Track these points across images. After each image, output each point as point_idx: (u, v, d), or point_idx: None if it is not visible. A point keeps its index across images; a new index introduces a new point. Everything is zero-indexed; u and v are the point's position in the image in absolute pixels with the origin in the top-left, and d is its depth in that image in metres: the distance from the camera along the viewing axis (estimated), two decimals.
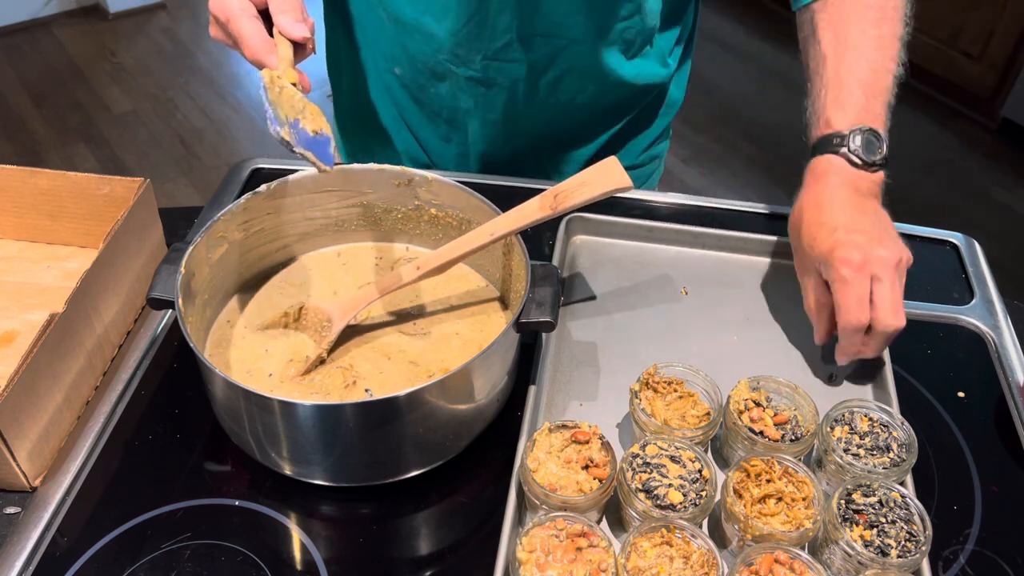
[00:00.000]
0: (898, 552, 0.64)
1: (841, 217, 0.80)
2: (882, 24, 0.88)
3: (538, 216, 0.76)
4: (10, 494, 0.73)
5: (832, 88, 0.86)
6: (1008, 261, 2.48)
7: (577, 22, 0.95)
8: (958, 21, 2.96)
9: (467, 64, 1.00)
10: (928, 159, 2.93)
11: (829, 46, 0.88)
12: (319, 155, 0.70)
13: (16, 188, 0.92)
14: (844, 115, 0.85)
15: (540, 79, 1.01)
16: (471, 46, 0.98)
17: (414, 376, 0.78)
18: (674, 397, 0.76)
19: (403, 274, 0.80)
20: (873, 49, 0.87)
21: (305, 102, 0.71)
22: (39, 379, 0.71)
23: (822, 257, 0.79)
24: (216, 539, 0.70)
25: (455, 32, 0.97)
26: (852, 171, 0.83)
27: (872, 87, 0.86)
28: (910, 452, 0.71)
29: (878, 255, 0.77)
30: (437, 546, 0.72)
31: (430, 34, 0.99)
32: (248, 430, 0.70)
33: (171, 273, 0.73)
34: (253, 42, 0.72)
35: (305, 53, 0.75)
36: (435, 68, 1.03)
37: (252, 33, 0.72)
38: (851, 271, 0.77)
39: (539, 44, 0.97)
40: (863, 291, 0.77)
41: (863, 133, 0.84)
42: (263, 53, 0.72)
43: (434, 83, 1.05)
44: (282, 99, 0.69)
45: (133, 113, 3.04)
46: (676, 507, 0.66)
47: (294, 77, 0.71)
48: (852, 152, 0.83)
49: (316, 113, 0.71)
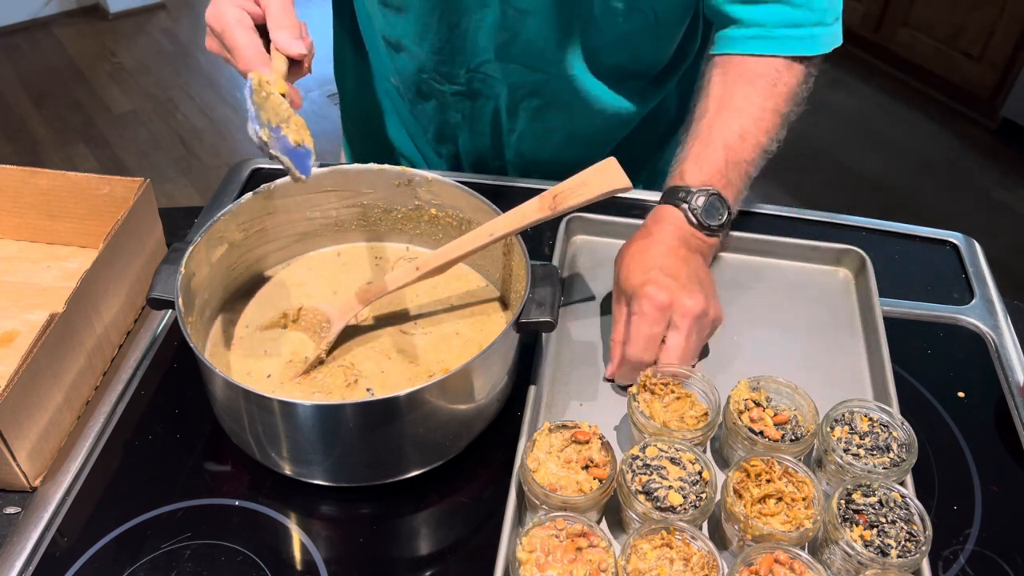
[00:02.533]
0: (898, 552, 0.64)
1: (661, 261, 0.81)
2: (768, 97, 0.88)
3: (538, 216, 0.76)
4: (10, 494, 0.73)
5: (699, 143, 0.87)
6: (1008, 261, 2.48)
7: (557, 58, 0.95)
8: (958, 21, 2.96)
9: (451, 80, 1.00)
10: (928, 159, 2.93)
11: (713, 101, 0.88)
12: (297, 164, 0.69)
13: (16, 188, 0.92)
14: (699, 172, 0.85)
15: (521, 103, 1.01)
16: (455, 61, 0.98)
17: (414, 376, 0.78)
18: (672, 398, 0.76)
19: (403, 274, 0.80)
20: (751, 117, 0.87)
21: (291, 113, 0.70)
22: (39, 379, 0.71)
23: (631, 290, 0.79)
24: (216, 539, 0.70)
25: (435, 52, 0.97)
26: (688, 227, 0.84)
27: (736, 153, 0.86)
28: (910, 452, 0.71)
29: (683, 302, 0.77)
30: (437, 546, 0.72)
31: (413, 53, 0.99)
32: (248, 430, 0.70)
33: (171, 273, 0.73)
34: (247, 53, 0.71)
35: (301, 72, 0.74)
36: (420, 87, 1.03)
37: (246, 44, 0.71)
38: (652, 308, 0.77)
39: (517, 69, 0.97)
40: (656, 331, 0.77)
41: (708, 195, 0.84)
42: (256, 65, 0.71)
43: (420, 101, 1.05)
44: (267, 105, 0.69)
45: (133, 113, 3.04)
46: (676, 509, 0.66)
47: (284, 88, 0.71)
48: (692, 210, 0.84)
49: (301, 125, 0.70)
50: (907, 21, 3.14)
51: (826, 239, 0.96)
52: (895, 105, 3.19)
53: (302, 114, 0.72)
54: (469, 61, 0.98)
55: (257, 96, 0.68)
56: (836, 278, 0.95)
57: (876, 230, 1.03)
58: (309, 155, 0.71)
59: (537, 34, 0.93)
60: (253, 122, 0.67)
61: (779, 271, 0.96)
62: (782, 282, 0.94)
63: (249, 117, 0.68)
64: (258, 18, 0.73)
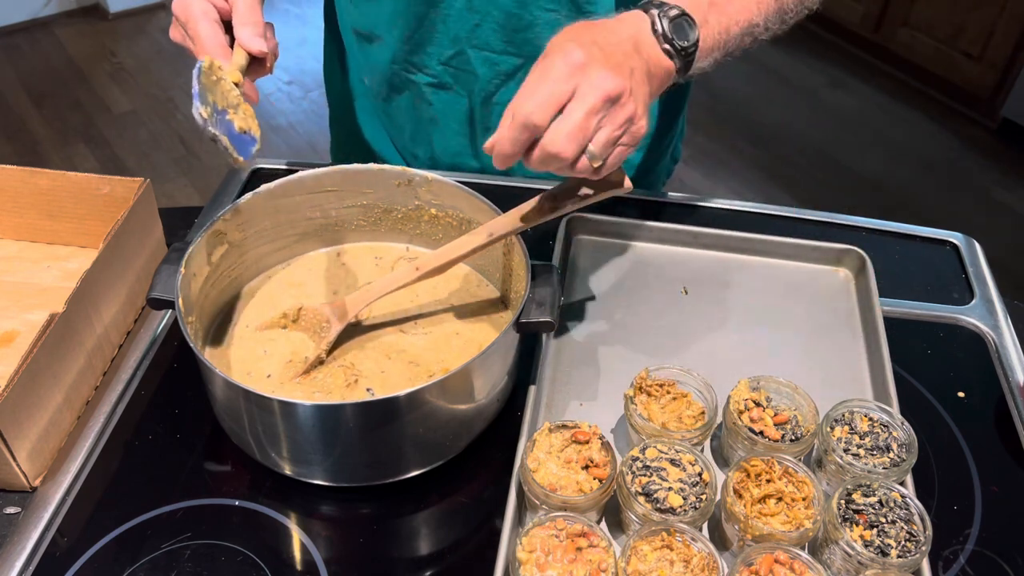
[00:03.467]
0: (898, 552, 0.64)
1: (601, 38, 0.67)
2: None
3: (537, 216, 0.76)
4: (10, 494, 0.73)
5: None
6: (1008, 261, 2.48)
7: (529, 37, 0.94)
8: (958, 21, 2.96)
9: (423, 70, 1.00)
10: (928, 159, 2.93)
11: None
12: (238, 148, 0.69)
13: (16, 188, 0.92)
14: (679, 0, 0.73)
15: (496, 94, 1.01)
16: (425, 51, 0.98)
17: (414, 376, 0.78)
18: (668, 399, 0.76)
19: (403, 274, 0.80)
20: None
21: (241, 100, 0.71)
22: (39, 379, 0.71)
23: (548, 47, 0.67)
24: (216, 539, 0.70)
25: (406, 39, 0.97)
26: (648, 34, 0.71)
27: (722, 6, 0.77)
28: (910, 452, 0.71)
29: (600, 73, 0.64)
30: (437, 546, 0.72)
31: (384, 43, 0.99)
32: (248, 430, 0.70)
33: (171, 273, 0.73)
34: (208, 44, 0.71)
35: (262, 71, 0.75)
36: (393, 79, 1.03)
37: (209, 35, 0.72)
38: (562, 64, 0.64)
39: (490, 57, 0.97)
40: (557, 90, 0.64)
41: (683, 16, 0.72)
42: (215, 55, 0.71)
43: (394, 95, 1.05)
44: (217, 88, 0.69)
45: (133, 113, 3.04)
46: (676, 511, 0.66)
47: (239, 79, 0.71)
48: (660, 17, 0.71)
49: (249, 115, 0.71)
50: (907, 21, 3.14)
51: (826, 239, 0.96)
52: (895, 105, 3.19)
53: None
54: (440, 53, 0.98)
55: (206, 78, 0.69)
56: (836, 278, 0.95)
57: (876, 230, 1.03)
58: (253, 143, 0.71)
59: (507, 14, 0.93)
60: (196, 99, 0.68)
61: (779, 271, 0.96)
62: (782, 282, 0.94)
63: (193, 95, 0.68)
64: (225, 13, 0.74)
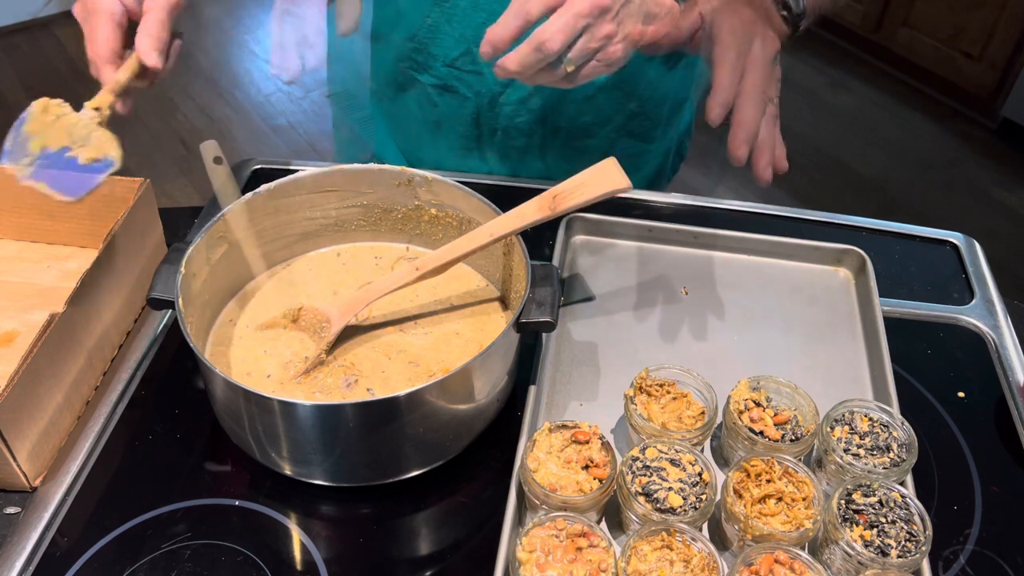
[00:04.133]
0: (898, 552, 0.64)
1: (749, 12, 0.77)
2: None
3: (538, 216, 0.76)
4: (10, 494, 0.73)
5: None
6: (1008, 261, 2.48)
7: None
8: (958, 21, 2.96)
9: (428, 70, 1.00)
10: (928, 159, 2.93)
11: None
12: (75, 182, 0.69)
13: (16, 188, 0.91)
14: None
15: (502, 95, 1.00)
16: (429, 52, 0.98)
17: (414, 376, 0.78)
18: (668, 399, 0.76)
19: (402, 275, 0.80)
20: None
21: (94, 128, 0.70)
22: (39, 379, 0.71)
23: None
24: (216, 539, 0.70)
25: (410, 37, 0.97)
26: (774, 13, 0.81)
27: None
28: (910, 452, 0.71)
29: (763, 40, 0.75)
30: (437, 546, 0.72)
31: (389, 42, 0.98)
32: (248, 430, 0.70)
33: (171, 273, 0.73)
34: (99, 48, 0.71)
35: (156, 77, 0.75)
36: (398, 77, 1.02)
37: (103, 38, 0.71)
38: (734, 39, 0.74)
39: None
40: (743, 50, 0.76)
41: None
42: (102, 62, 0.70)
43: (400, 94, 1.04)
44: (54, 128, 0.69)
45: (133, 113, 3.04)
46: (676, 511, 0.66)
47: (108, 101, 0.71)
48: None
49: (105, 139, 0.71)
50: (907, 21, 3.14)
51: (826, 239, 0.96)
52: (895, 105, 3.19)
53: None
54: (447, 51, 0.97)
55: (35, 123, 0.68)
56: (836, 278, 0.95)
57: (876, 230, 1.03)
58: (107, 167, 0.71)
59: None
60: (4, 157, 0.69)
61: (779, 271, 0.96)
62: (782, 282, 0.94)
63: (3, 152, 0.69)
64: (135, 16, 0.74)
